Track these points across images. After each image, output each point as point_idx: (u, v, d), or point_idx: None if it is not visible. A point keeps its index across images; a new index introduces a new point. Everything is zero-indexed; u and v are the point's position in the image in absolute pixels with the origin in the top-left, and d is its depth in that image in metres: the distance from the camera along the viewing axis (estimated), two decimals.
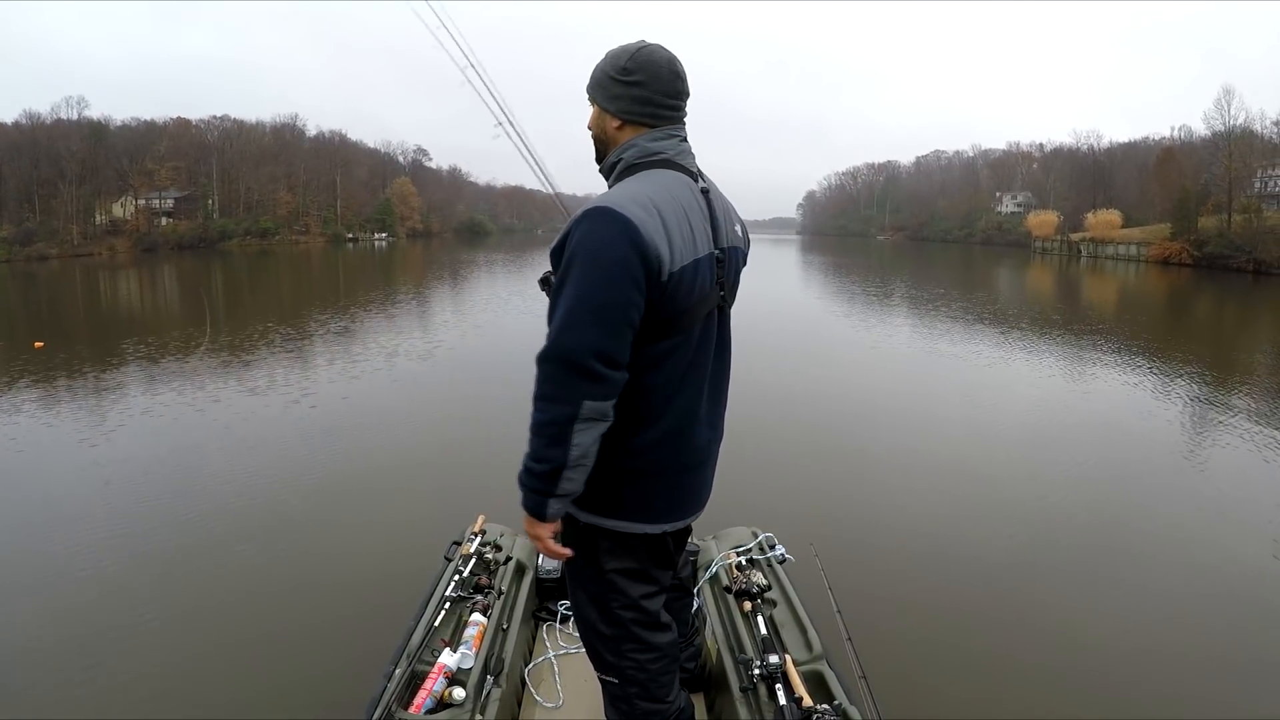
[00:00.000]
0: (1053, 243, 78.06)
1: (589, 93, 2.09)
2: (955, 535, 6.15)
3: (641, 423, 1.97)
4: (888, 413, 10.24)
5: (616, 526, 2.06)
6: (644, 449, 1.99)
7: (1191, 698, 4.19)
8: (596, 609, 2.19)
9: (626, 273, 1.79)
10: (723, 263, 2.01)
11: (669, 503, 2.09)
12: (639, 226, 1.80)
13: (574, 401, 1.81)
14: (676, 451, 2.04)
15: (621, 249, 1.79)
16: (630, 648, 2.19)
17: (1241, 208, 53.95)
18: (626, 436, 1.97)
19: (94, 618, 4.96)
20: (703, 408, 2.06)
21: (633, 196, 1.87)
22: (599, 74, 2.06)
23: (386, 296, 27.54)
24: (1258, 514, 6.81)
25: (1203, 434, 9.62)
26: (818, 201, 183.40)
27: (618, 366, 1.83)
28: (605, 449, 1.96)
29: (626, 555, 2.13)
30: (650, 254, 1.80)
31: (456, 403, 11.07)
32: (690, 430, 2.04)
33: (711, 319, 2.02)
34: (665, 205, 1.88)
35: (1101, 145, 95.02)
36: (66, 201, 64.68)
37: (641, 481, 2.04)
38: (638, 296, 1.81)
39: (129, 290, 33.74)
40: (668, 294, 1.86)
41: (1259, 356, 17.23)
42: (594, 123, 2.10)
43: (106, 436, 9.05)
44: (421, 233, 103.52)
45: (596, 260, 1.80)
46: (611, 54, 2.04)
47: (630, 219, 1.80)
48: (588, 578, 2.18)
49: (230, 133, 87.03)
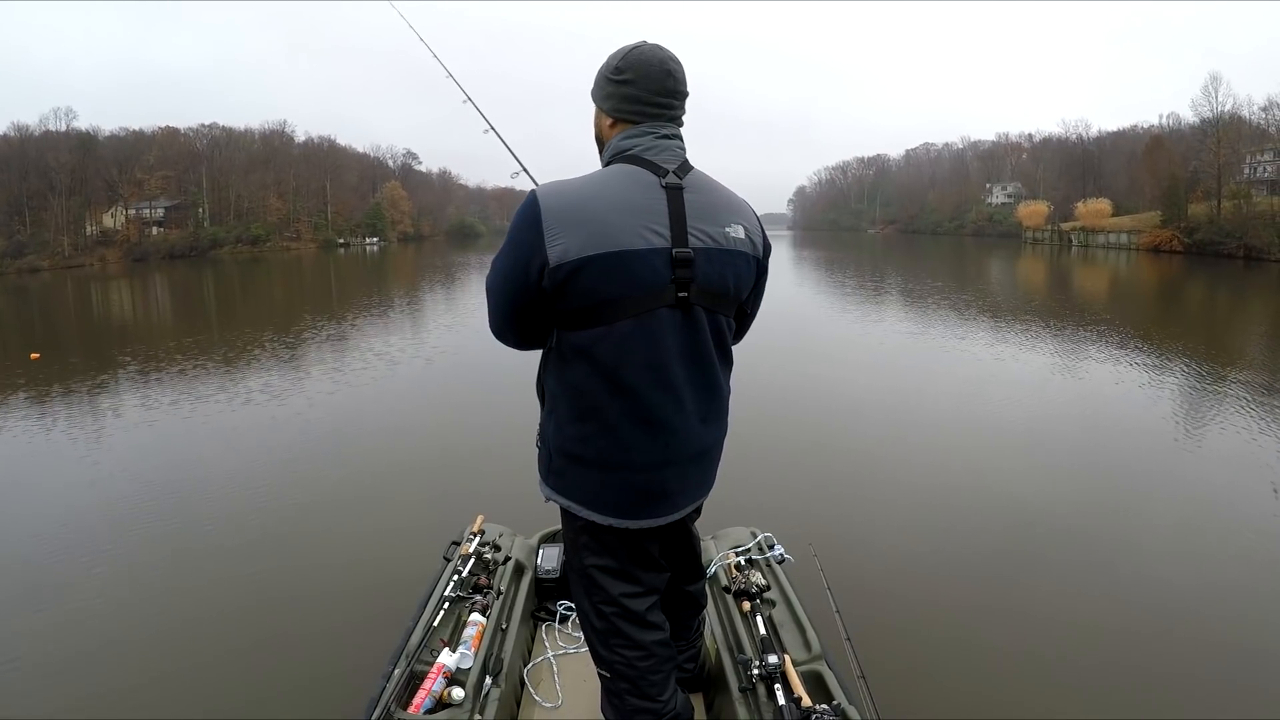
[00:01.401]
0: (1043, 233, 78.37)
1: (592, 92, 2.14)
2: (954, 534, 6.14)
3: (584, 414, 2.01)
4: (886, 411, 10.22)
5: (573, 509, 2.12)
6: (584, 438, 2.03)
7: (1193, 692, 4.18)
8: (587, 602, 2.25)
9: (517, 251, 1.92)
10: (689, 263, 1.93)
11: (629, 500, 2.08)
12: (542, 212, 1.87)
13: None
14: (623, 449, 2.01)
15: (522, 230, 1.91)
16: (618, 643, 2.21)
17: (1231, 194, 54.13)
18: (573, 425, 2.03)
19: (95, 620, 4.97)
20: (662, 411, 2.00)
21: (560, 186, 1.95)
22: (597, 75, 2.10)
23: (380, 301, 27.48)
24: (1251, 500, 6.83)
25: (1197, 422, 9.63)
26: (808, 197, 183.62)
27: (504, 325, 2.06)
28: (559, 434, 2.07)
29: (605, 553, 2.16)
30: (540, 239, 1.87)
31: (455, 404, 11.07)
32: (640, 431, 2.00)
33: (655, 317, 1.94)
34: (591, 197, 1.90)
35: (1090, 134, 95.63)
36: (57, 213, 64.38)
37: (586, 470, 2.06)
38: (521, 275, 1.92)
39: (121, 301, 33.61)
40: (566, 282, 1.87)
41: (1252, 342, 17.30)
42: (594, 122, 2.16)
43: (104, 445, 9.04)
44: (413, 236, 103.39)
45: (510, 232, 1.96)
46: (610, 55, 2.08)
47: (540, 205, 1.88)
48: (576, 570, 2.26)
49: (219, 140, 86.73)
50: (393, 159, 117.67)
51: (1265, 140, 58.04)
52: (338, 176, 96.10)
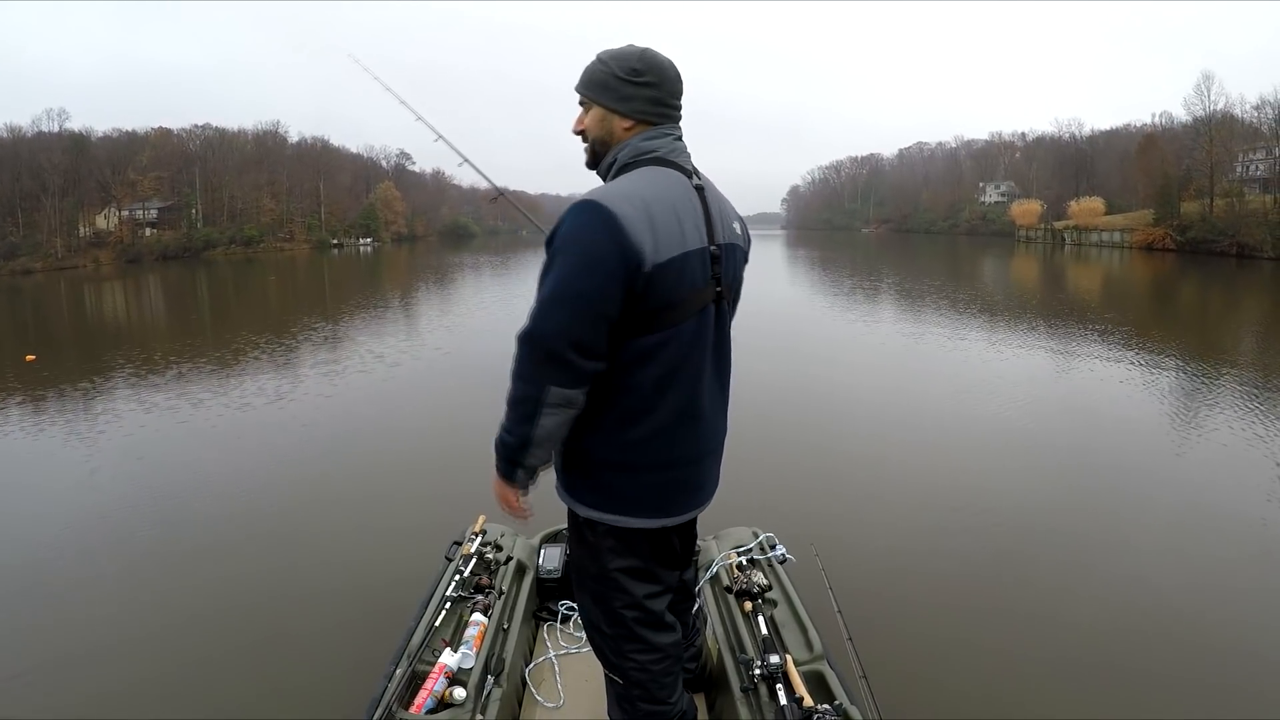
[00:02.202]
0: (1037, 231, 78.54)
1: (589, 94, 2.08)
2: (956, 534, 6.13)
3: (634, 418, 2.00)
4: (887, 411, 10.20)
5: (617, 522, 2.09)
6: (637, 444, 2.02)
7: (1194, 693, 4.17)
8: (600, 609, 2.22)
9: (604, 265, 1.83)
10: (718, 259, 2.02)
11: (667, 497, 2.11)
12: (621, 219, 1.83)
13: (541, 384, 1.89)
14: (671, 447, 2.05)
15: (601, 241, 1.83)
16: (632, 648, 2.21)
17: (1223, 192, 54.35)
18: (620, 431, 2.01)
19: (95, 620, 4.97)
20: (701, 403, 2.06)
21: (620, 191, 1.90)
22: (603, 76, 2.04)
23: (376, 302, 27.45)
24: (1248, 497, 6.85)
25: (1195, 422, 9.64)
26: (802, 196, 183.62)
27: (590, 355, 1.88)
28: (603, 444, 2.02)
29: (630, 554, 2.15)
30: (630, 247, 1.83)
31: (455, 404, 11.02)
32: (685, 426, 2.05)
33: (706, 315, 2.02)
34: (653, 200, 1.90)
35: (1083, 133, 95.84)
36: (50, 214, 64.20)
37: (638, 476, 2.06)
38: (614, 289, 1.84)
39: (115, 303, 33.50)
40: (651, 287, 1.87)
41: (1244, 340, 17.36)
42: (597, 125, 2.09)
43: (103, 446, 9.01)
44: (406, 236, 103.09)
45: (577, 251, 1.86)
46: (613, 55, 2.04)
47: (614, 212, 1.83)
48: (592, 577, 2.21)
49: (212, 141, 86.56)
50: (386, 159, 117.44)
51: (1258, 139, 58.15)
52: (331, 177, 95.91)
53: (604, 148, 2.09)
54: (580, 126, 2.12)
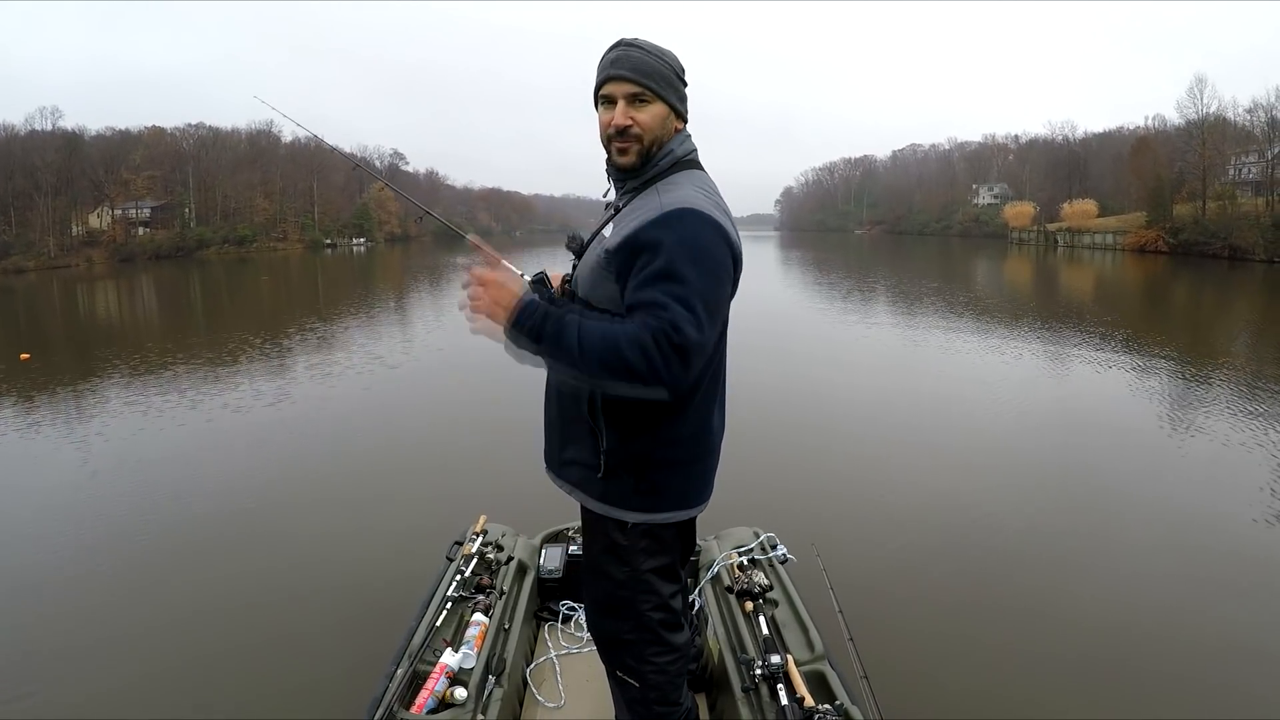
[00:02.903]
0: (1030, 233, 78.73)
1: (655, 88, 1.94)
2: (957, 533, 6.15)
3: (680, 414, 2.01)
4: (889, 412, 10.23)
5: (666, 519, 2.10)
6: (681, 440, 2.05)
7: (1195, 693, 4.18)
8: (625, 614, 2.19)
9: (728, 275, 1.89)
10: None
11: (699, 487, 2.14)
12: (726, 230, 1.88)
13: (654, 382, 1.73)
14: (703, 439, 2.09)
15: (722, 253, 1.86)
16: (653, 651, 2.21)
17: (1216, 195, 54.56)
18: (668, 428, 2.02)
19: (95, 619, 4.96)
20: (717, 395, 2.12)
21: (709, 200, 1.90)
22: (668, 72, 1.96)
23: (372, 303, 27.36)
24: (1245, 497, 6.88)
25: (1189, 421, 9.68)
26: (795, 197, 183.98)
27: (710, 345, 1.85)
28: (652, 443, 2.02)
29: (661, 552, 2.16)
30: (737, 255, 1.91)
31: (456, 404, 11.04)
32: (710, 417, 2.10)
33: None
34: (723, 204, 1.96)
35: (1076, 136, 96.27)
36: (42, 213, 63.79)
37: (679, 470, 2.08)
38: (727, 293, 1.92)
39: (108, 302, 33.39)
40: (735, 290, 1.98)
41: (1237, 341, 17.45)
42: (660, 123, 1.97)
43: (103, 446, 8.99)
44: (400, 237, 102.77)
45: (706, 262, 1.81)
46: (662, 51, 1.97)
47: (720, 223, 1.87)
48: (619, 583, 2.16)
49: (205, 140, 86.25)
50: (380, 159, 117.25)
51: (1250, 141, 58.37)
52: (324, 177, 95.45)
53: (657, 147, 1.99)
54: (626, 121, 1.94)
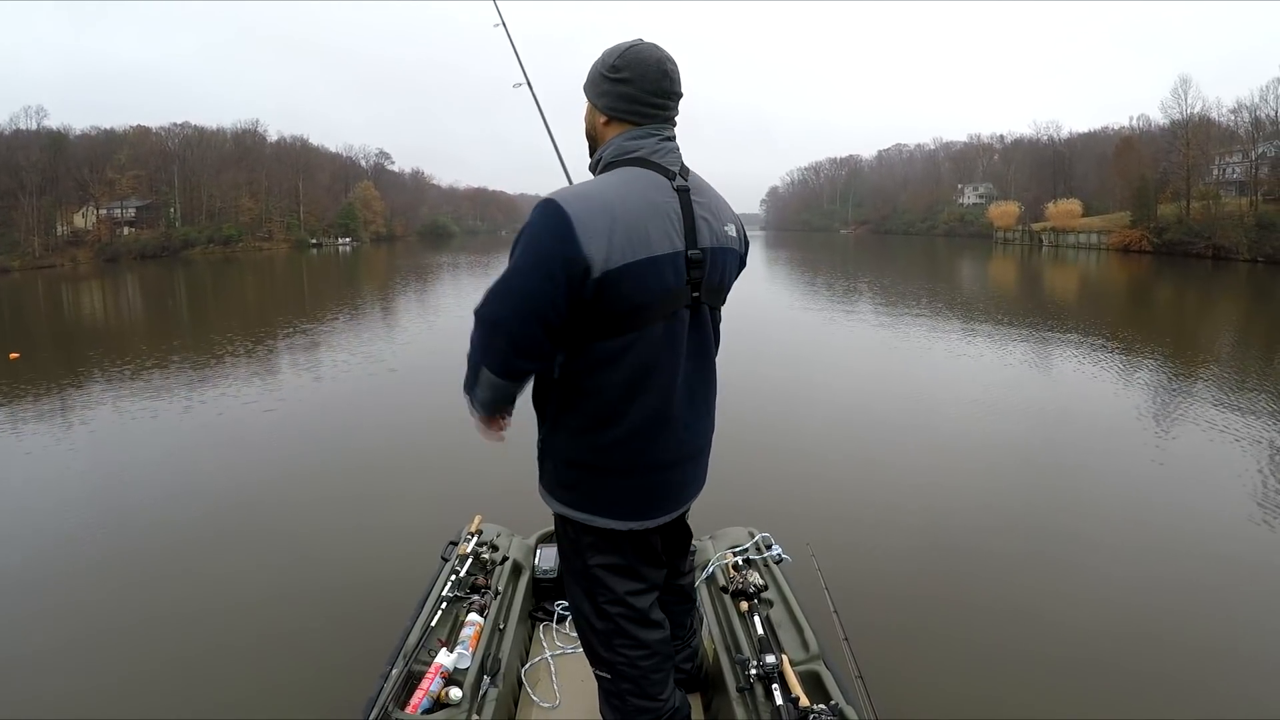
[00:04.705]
0: (1014, 233, 79.10)
1: (584, 89, 2.11)
2: (953, 534, 6.15)
3: (604, 421, 1.99)
4: (884, 413, 10.23)
5: (591, 521, 2.09)
6: (609, 447, 2.01)
7: (1192, 693, 4.19)
8: (588, 603, 2.22)
9: (545, 267, 1.82)
10: (700, 263, 1.99)
11: (644, 501, 2.10)
12: (573, 221, 1.82)
13: (476, 364, 1.94)
14: (644, 451, 2.04)
15: (547, 242, 1.83)
16: (621, 643, 2.20)
17: (1200, 195, 54.93)
18: (590, 434, 2.01)
19: (90, 620, 4.94)
20: (676, 408, 2.04)
21: (583, 192, 1.91)
22: (592, 70, 2.07)
23: (360, 303, 27.31)
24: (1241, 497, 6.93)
25: (1184, 420, 9.74)
26: (781, 197, 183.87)
27: (523, 354, 1.90)
28: (572, 445, 2.04)
29: (610, 551, 2.15)
30: (576, 253, 1.81)
31: (450, 404, 10.91)
32: (659, 430, 2.03)
33: (679, 318, 2.00)
34: (617, 202, 1.88)
35: (1061, 136, 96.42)
36: (27, 213, 63.21)
37: (609, 479, 2.05)
38: (554, 292, 1.82)
39: (93, 302, 33.18)
40: (605, 292, 1.86)
41: (1220, 341, 17.60)
42: (586, 119, 2.13)
43: (101, 446, 9.00)
44: (385, 236, 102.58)
45: (526, 248, 1.86)
46: (607, 51, 2.05)
47: (567, 213, 1.82)
48: (576, 572, 2.21)
49: (191, 139, 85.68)
50: (365, 159, 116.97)
51: (1234, 142, 58.76)
52: (310, 176, 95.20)
53: (593, 144, 2.12)
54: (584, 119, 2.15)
